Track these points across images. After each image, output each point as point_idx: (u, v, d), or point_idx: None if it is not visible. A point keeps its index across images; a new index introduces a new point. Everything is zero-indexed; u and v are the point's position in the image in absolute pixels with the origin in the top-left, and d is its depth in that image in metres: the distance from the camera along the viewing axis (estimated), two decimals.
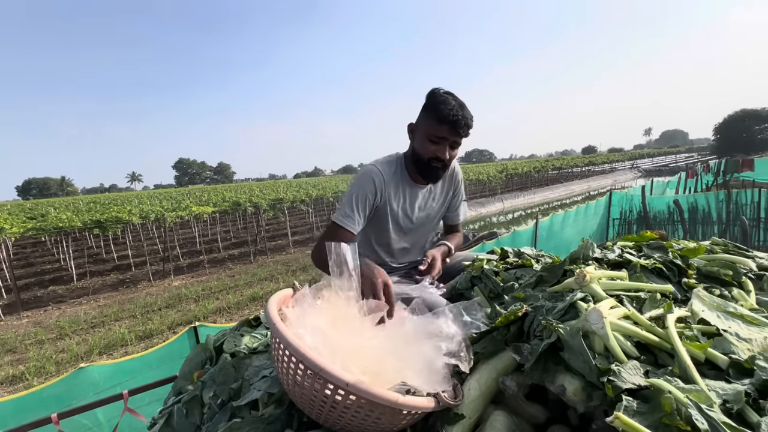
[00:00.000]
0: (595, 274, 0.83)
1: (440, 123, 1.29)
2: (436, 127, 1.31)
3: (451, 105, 1.29)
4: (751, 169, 16.05)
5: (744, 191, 7.48)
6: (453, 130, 1.30)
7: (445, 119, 1.28)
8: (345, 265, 0.92)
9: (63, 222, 9.33)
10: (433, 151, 1.34)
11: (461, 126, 1.30)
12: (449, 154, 1.36)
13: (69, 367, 4.80)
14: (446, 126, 1.29)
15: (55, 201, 37.12)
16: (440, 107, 1.29)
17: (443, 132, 1.31)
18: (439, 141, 1.33)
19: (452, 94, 1.34)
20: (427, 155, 1.35)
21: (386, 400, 0.67)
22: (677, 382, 0.58)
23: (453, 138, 1.33)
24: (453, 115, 1.27)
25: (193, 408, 0.98)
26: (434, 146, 1.33)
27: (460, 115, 1.28)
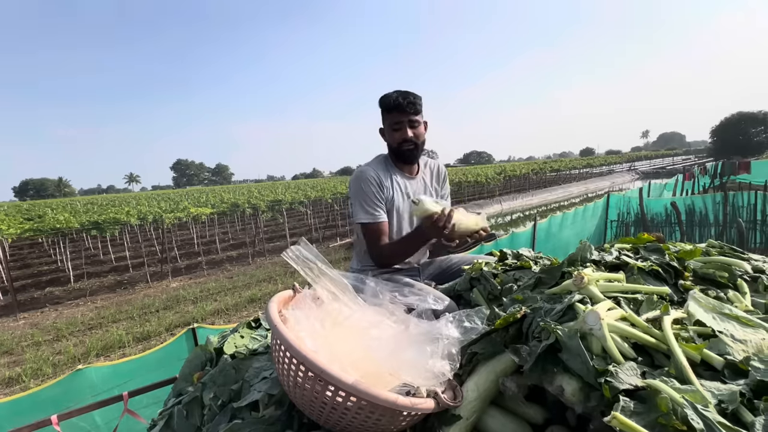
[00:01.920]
0: (592, 276, 0.84)
1: (389, 111, 1.51)
2: (388, 116, 1.53)
3: (393, 94, 1.51)
4: (747, 172, 16.15)
5: (741, 193, 7.52)
6: (400, 112, 1.49)
7: (391, 106, 1.50)
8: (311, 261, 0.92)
9: (60, 223, 9.30)
10: (399, 136, 1.52)
11: (403, 105, 1.48)
12: (412, 133, 1.53)
13: (66, 369, 4.78)
14: (394, 111, 1.50)
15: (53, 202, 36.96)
16: (384, 101, 1.52)
17: (396, 117, 1.50)
18: (398, 126, 1.51)
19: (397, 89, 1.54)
20: (395, 142, 1.54)
21: (386, 402, 0.67)
22: (673, 382, 0.59)
23: (406, 118, 1.50)
24: (395, 100, 1.49)
25: (194, 409, 0.98)
26: (397, 132, 1.52)
27: (400, 97, 1.48)
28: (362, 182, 1.52)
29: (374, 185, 1.51)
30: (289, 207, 13.02)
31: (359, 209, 1.51)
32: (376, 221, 1.49)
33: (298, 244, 0.95)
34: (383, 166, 1.60)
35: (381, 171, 1.56)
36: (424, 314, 0.96)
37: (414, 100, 1.49)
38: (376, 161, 1.62)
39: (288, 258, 0.92)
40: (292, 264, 0.91)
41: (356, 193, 1.52)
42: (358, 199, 1.51)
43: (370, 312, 0.92)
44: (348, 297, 0.93)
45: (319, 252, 0.96)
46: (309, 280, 0.92)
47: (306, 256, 0.93)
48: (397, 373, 0.71)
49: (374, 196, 1.50)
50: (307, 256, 0.93)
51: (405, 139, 1.51)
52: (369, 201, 1.50)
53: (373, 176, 1.52)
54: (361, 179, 1.52)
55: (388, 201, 1.55)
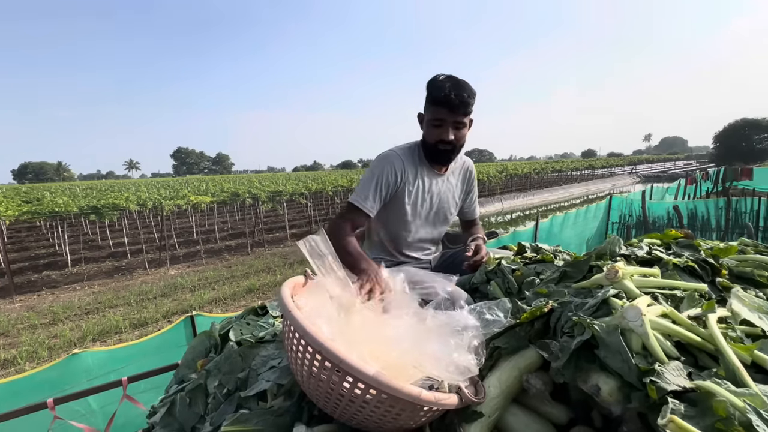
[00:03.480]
0: (627, 271, 0.79)
1: (437, 105, 1.32)
2: (435, 110, 1.34)
3: (446, 87, 1.30)
4: (749, 178, 16.12)
5: (744, 199, 7.48)
6: (449, 110, 1.31)
7: (439, 101, 1.31)
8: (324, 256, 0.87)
9: (59, 207, 9.22)
10: (437, 134, 1.35)
11: (455, 105, 1.30)
12: (454, 134, 1.36)
13: (62, 352, 4.74)
14: (442, 108, 1.31)
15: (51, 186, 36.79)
16: (435, 91, 1.32)
17: (441, 114, 1.33)
18: (440, 123, 1.34)
19: (451, 77, 1.35)
20: (432, 139, 1.37)
21: (409, 396, 0.63)
22: (728, 385, 0.55)
23: (452, 118, 1.34)
24: (445, 95, 1.29)
25: (197, 397, 0.93)
26: (437, 129, 1.35)
27: (453, 94, 1.29)
28: (381, 169, 1.38)
29: (391, 176, 1.37)
30: (289, 198, 12.95)
31: (362, 187, 1.37)
32: (362, 209, 1.34)
33: (317, 234, 0.90)
34: (412, 157, 1.44)
35: (408, 162, 1.42)
36: (443, 305, 0.91)
37: (467, 100, 1.32)
38: (407, 149, 1.45)
39: (303, 246, 0.87)
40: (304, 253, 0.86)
41: (370, 174, 1.39)
42: (366, 181, 1.38)
43: (388, 301, 0.87)
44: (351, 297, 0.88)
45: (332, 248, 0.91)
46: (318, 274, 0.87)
47: (321, 249, 0.88)
48: (422, 365, 0.66)
49: (381, 187, 1.37)
50: (322, 250, 0.88)
51: (443, 139, 1.35)
52: (373, 188, 1.36)
53: (396, 167, 1.38)
54: (382, 165, 1.38)
55: (399, 193, 1.42)
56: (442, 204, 1.53)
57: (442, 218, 1.57)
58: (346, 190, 14.80)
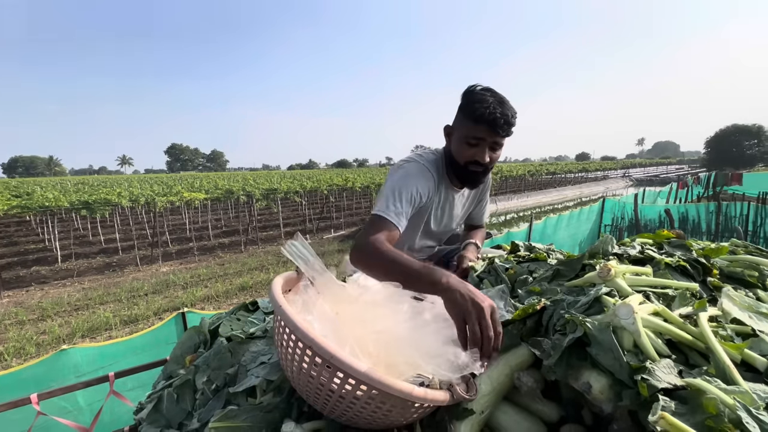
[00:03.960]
0: (619, 269, 0.79)
1: (476, 123, 1.16)
2: (473, 128, 1.18)
3: (488, 102, 1.15)
4: (739, 183, 16.39)
5: (734, 204, 7.59)
6: (491, 129, 1.16)
7: (482, 118, 1.14)
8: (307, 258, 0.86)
9: (49, 201, 9.09)
10: (471, 155, 1.21)
11: (500, 125, 1.15)
12: (489, 156, 1.21)
13: (50, 349, 4.67)
14: (483, 126, 1.16)
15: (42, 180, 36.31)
16: (476, 106, 1.16)
17: (480, 132, 1.17)
18: (477, 143, 1.19)
19: (491, 90, 1.20)
20: (464, 159, 1.22)
21: (400, 392, 0.62)
22: (718, 382, 0.55)
23: (492, 138, 1.19)
24: (490, 113, 1.13)
25: (185, 393, 0.92)
26: (472, 149, 1.20)
27: (498, 112, 1.14)
28: (416, 182, 1.23)
29: (423, 195, 1.24)
30: (284, 196, 12.89)
31: (392, 199, 1.18)
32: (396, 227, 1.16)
33: (294, 239, 0.89)
34: (438, 170, 1.31)
35: (437, 177, 1.30)
36: (436, 301, 0.91)
37: (512, 120, 1.18)
38: (434, 162, 1.30)
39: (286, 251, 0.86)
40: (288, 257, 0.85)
41: (400, 186, 1.21)
42: (397, 190, 1.20)
43: (379, 296, 0.86)
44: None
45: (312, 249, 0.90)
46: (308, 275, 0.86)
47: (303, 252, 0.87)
48: (415, 362, 0.66)
49: (412, 202, 1.22)
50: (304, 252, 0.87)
51: (478, 161, 1.21)
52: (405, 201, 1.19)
53: (429, 187, 1.26)
54: (418, 179, 1.23)
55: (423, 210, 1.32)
56: (453, 219, 1.48)
57: (449, 231, 1.55)
58: (341, 189, 14.77)
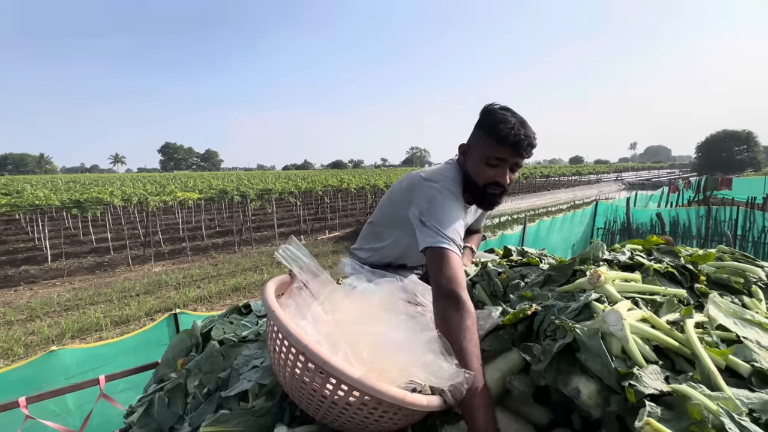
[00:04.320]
0: (609, 275, 0.80)
1: (500, 144, 1.13)
2: (495, 148, 1.14)
3: (512, 123, 1.13)
4: (729, 188, 16.66)
5: (723, 208, 7.70)
6: (515, 151, 1.13)
7: (506, 140, 1.11)
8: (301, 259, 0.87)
9: (40, 200, 8.97)
10: (492, 176, 1.17)
11: (524, 146, 1.13)
12: (509, 177, 1.18)
13: (39, 350, 4.60)
14: (507, 147, 1.13)
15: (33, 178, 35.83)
16: (499, 126, 1.13)
17: (503, 153, 1.14)
18: (498, 163, 1.16)
19: (510, 110, 1.18)
20: (483, 180, 1.18)
21: (393, 399, 0.62)
22: (702, 388, 0.56)
23: (514, 160, 1.16)
24: (515, 134, 1.11)
25: (176, 397, 0.92)
26: (493, 170, 1.16)
27: (522, 134, 1.12)
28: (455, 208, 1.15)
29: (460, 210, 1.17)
30: (278, 197, 12.84)
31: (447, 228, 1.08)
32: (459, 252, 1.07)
33: (288, 243, 0.89)
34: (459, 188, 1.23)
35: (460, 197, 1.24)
36: (428, 306, 0.92)
37: (534, 142, 1.15)
38: (453, 179, 1.23)
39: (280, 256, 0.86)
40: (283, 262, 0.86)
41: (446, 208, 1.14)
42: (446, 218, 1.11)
43: (373, 302, 0.86)
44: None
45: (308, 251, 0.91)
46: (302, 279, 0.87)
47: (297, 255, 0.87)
48: (408, 368, 0.66)
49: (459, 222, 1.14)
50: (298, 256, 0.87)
51: (498, 182, 1.17)
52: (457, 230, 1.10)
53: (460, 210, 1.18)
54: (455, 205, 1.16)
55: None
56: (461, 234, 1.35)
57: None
58: (336, 189, 14.75)
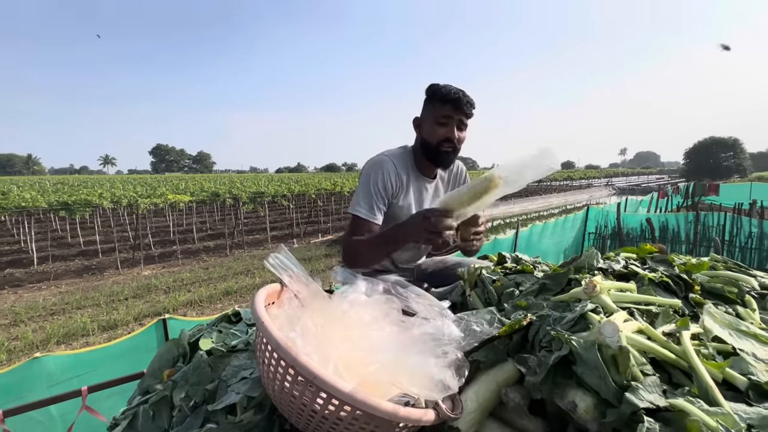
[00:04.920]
0: (605, 285, 0.79)
1: (444, 103, 1.34)
2: (441, 108, 1.35)
3: (451, 87, 1.35)
4: (716, 194, 16.97)
5: (711, 214, 7.83)
6: (457, 108, 1.34)
7: (447, 97, 1.33)
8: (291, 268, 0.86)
9: (26, 201, 8.80)
10: (443, 133, 1.36)
11: (464, 103, 1.34)
12: (458, 135, 1.38)
13: (22, 355, 4.49)
14: (450, 104, 1.34)
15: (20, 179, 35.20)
16: (441, 90, 1.35)
17: (448, 111, 1.35)
18: (446, 121, 1.36)
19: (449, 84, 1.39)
20: (436, 138, 1.37)
21: (385, 413, 0.60)
22: (701, 403, 0.55)
23: (459, 116, 1.36)
24: (455, 93, 1.33)
25: (162, 410, 0.88)
26: (443, 128, 1.36)
27: (461, 93, 1.34)
28: (376, 174, 1.38)
29: (388, 182, 1.38)
30: (271, 200, 12.75)
31: (361, 200, 1.37)
32: (371, 221, 1.36)
33: (277, 252, 0.88)
34: (405, 161, 1.45)
35: (401, 167, 1.43)
36: (425, 316, 0.90)
37: (472, 101, 1.37)
38: (399, 154, 1.46)
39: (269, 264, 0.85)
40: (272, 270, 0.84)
41: (365, 182, 1.38)
42: (365, 189, 1.37)
43: (365, 312, 0.84)
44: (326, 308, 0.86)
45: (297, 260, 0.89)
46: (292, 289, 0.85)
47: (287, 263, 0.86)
48: (400, 382, 0.64)
49: (381, 194, 1.37)
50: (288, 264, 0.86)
51: (449, 138, 1.36)
52: (374, 195, 1.36)
53: (390, 172, 1.39)
54: (376, 170, 1.38)
55: (394, 201, 1.43)
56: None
57: None
58: (329, 193, 14.70)
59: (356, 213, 1.36)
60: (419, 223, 1.06)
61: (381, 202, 1.38)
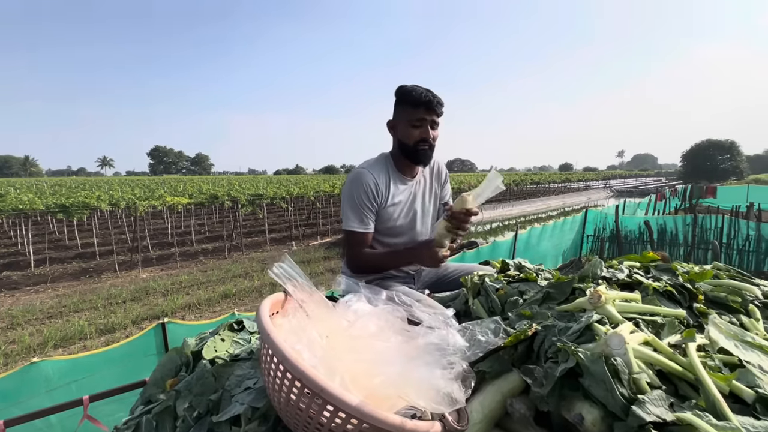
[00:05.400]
0: (610, 295, 0.79)
1: (416, 107, 1.40)
2: (414, 111, 1.41)
3: (420, 90, 1.41)
4: (713, 196, 17.04)
5: (709, 216, 7.85)
6: (429, 109, 1.40)
7: (419, 101, 1.39)
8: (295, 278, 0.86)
9: (23, 204, 8.76)
10: (418, 134, 1.43)
11: (435, 104, 1.40)
12: (432, 134, 1.45)
13: (19, 359, 4.46)
14: (422, 107, 1.40)
15: (17, 181, 35.08)
16: (412, 94, 1.41)
17: (421, 113, 1.41)
18: (420, 123, 1.42)
19: (416, 85, 1.44)
20: (412, 140, 1.44)
21: (392, 426, 0.60)
22: (708, 417, 0.55)
23: (431, 117, 1.43)
24: (425, 96, 1.39)
25: (165, 420, 0.88)
26: (417, 130, 1.43)
27: (431, 95, 1.40)
28: (358, 188, 1.44)
29: (370, 192, 1.45)
30: (269, 202, 12.73)
31: (350, 215, 1.45)
32: (365, 231, 1.45)
33: (281, 261, 0.88)
34: (383, 168, 1.51)
35: (380, 174, 1.48)
36: (429, 326, 0.90)
37: (441, 101, 1.43)
38: (376, 163, 1.52)
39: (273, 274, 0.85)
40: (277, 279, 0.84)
41: (349, 197, 1.46)
42: (350, 204, 1.45)
43: (370, 322, 0.84)
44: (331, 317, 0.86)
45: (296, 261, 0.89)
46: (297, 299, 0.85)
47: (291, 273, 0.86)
48: (407, 394, 0.64)
49: (367, 205, 1.45)
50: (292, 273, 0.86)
51: (424, 138, 1.43)
52: (360, 208, 1.44)
53: (370, 183, 1.45)
54: (357, 184, 1.45)
55: (382, 207, 1.48)
56: (422, 208, 1.58)
57: (427, 225, 1.61)
58: (328, 195, 14.69)
59: (351, 229, 1.45)
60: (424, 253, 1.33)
61: (369, 212, 1.46)
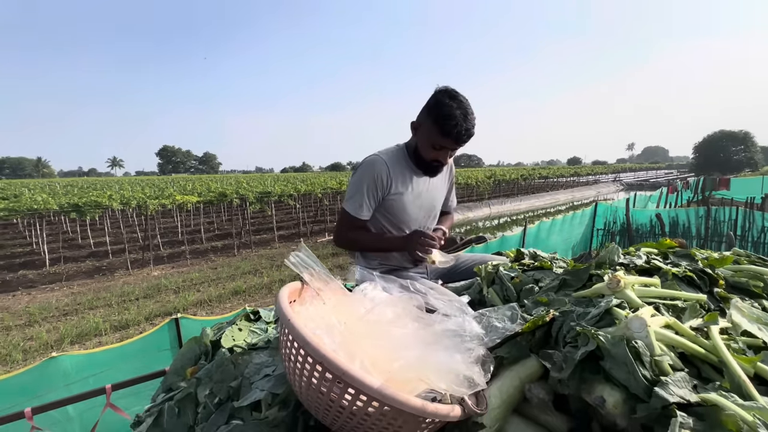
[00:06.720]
0: (629, 280, 0.79)
1: (443, 136, 1.34)
2: (440, 138, 1.35)
3: (456, 119, 1.30)
4: (727, 188, 16.72)
5: (722, 208, 7.71)
6: (455, 142, 1.35)
7: (449, 134, 1.32)
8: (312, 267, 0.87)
9: (38, 204, 8.92)
10: (435, 156, 1.42)
11: (463, 139, 1.35)
12: (449, 160, 1.47)
13: (37, 355, 4.56)
14: (449, 139, 1.34)
15: (30, 182, 35.75)
16: (445, 121, 1.30)
17: (446, 143, 1.36)
18: (440, 148, 1.40)
19: (457, 100, 1.32)
20: (429, 158, 1.43)
21: (414, 408, 0.61)
22: (734, 398, 0.54)
23: (453, 147, 1.40)
24: (457, 131, 1.31)
25: (186, 407, 0.90)
26: (436, 152, 1.41)
27: (463, 128, 1.31)
28: (368, 175, 1.44)
29: (378, 182, 1.44)
30: (277, 200, 12.81)
31: (353, 194, 1.45)
32: (359, 217, 1.46)
33: (298, 249, 0.90)
34: (398, 159, 1.50)
35: (394, 165, 1.47)
36: (446, 314, 0.90)
37: (472, 132, 1.37)
38: (393, 153, 1.50)
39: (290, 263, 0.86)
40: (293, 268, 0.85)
41: (358, 181, 1.45)
42: (356, 188, 1.45)
43: (387, 309, 0.85)
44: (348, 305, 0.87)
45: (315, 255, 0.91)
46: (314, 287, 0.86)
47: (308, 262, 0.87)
48: (428, 377, 0.65)
49: (371, 193, 1.45)
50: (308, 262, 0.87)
51: (441, 161, 1.44)
52: (363, 194, 1.44)
53: (382, 173, 1.44)
54: (369, 171, 1.44)
55: (388, 195, 1.48)
56: (431, 202, 1.59)
57: (432, 216, 1.63)
58: (335, 192, 14.72)
59: (347, 210, 1.47)
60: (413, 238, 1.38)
61: (371, 200, 1.46)
